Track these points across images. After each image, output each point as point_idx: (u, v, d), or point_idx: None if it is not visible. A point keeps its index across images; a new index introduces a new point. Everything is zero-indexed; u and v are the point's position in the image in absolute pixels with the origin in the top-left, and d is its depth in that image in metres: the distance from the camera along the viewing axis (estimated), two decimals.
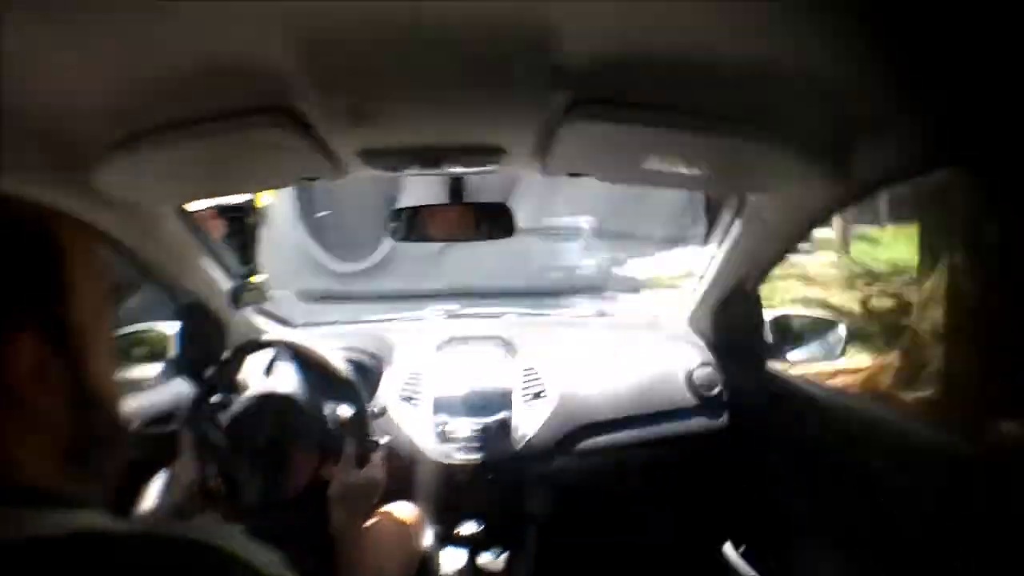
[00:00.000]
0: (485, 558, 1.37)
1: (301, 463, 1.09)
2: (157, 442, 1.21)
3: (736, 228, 1.24)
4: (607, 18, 0.56)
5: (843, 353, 1.28)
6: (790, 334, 1.36)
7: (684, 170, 0.87)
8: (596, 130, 0.76)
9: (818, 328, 1.35)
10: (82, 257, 0.42)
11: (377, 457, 1.12)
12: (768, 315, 1.39)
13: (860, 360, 3.88)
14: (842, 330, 1.30)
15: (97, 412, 0.42)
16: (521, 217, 1.20)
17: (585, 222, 10.73)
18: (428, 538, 1.26)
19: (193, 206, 1.21)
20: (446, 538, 1.36)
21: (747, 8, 0.53)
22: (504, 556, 1.37)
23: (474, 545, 1.37)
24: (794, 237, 1.15)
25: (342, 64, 0.63)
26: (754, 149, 0.80)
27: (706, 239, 1.52)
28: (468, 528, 1.37)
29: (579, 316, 1.99)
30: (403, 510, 1.19)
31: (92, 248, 0.44)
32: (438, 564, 1.33)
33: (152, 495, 1.22)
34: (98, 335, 0.42)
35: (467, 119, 0.82)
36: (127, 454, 0.53)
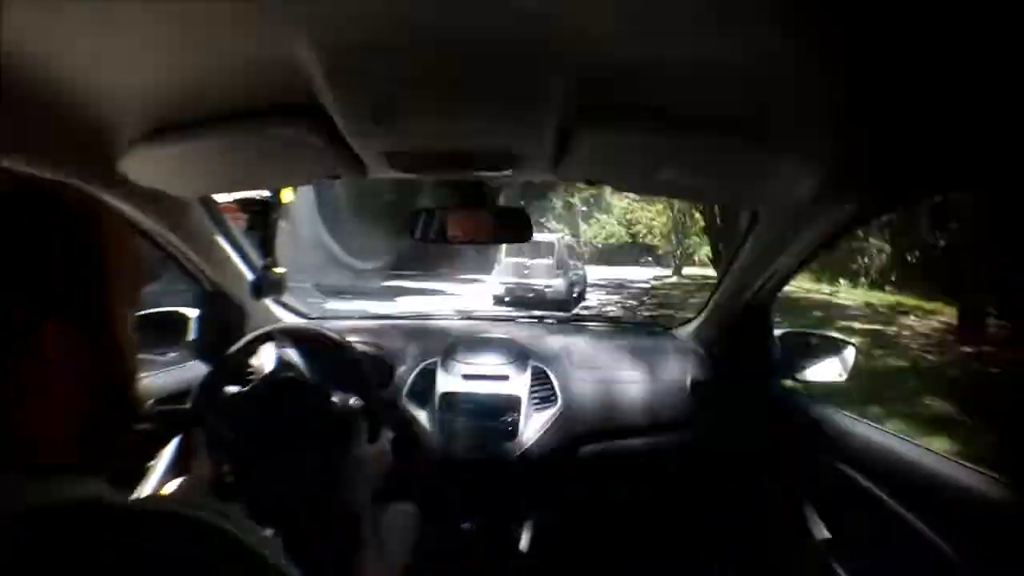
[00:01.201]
0: (482, 555, 1.39)
1: (312, 448, 1.12)
2: (169, 419, 1.26)
3: (748, 242, 1.25)
4: (619, 26, 0.58)
5: (849, 373, 1.26)
6: (798, 351, 1.34)
7: (697, 181, 0.88)
8: (608, 137, 0.78)
9: (827, 347, 1.33)
10: (118, 247, 0.42)
11: (386, 436, 1.14)
12: (777, 332, 1.38)
13: None
14: (851, 351, 1.28)
15: (117, 394, 0.43)
16: None
17: (555, 237, 10.15)
18: (428, 533, 1.28)
19: (218, 198, 1.26)
20: (446, 534, 1.38)
21: (759, 21, 0.55)
22: (502, 554, 1.39)
23: (473, 542, 1.39)
24: (806, 253, 1.14)
25: (363, 69, 0.65)
26: (766, 161, 0.80)
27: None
28: (469, 525, 1.38)
29: (590, 324, 2.00)
30: (405, 506, 1.21)
31: (128, 238, 0.45)
32: (438, 559, 1.34)
33: (161, 469, 1.26)
34: (126, 322, 0.43)
35: (484, 124, 0.84)
36: (137, 432, 0.54)
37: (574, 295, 10.13)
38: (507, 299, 9.15)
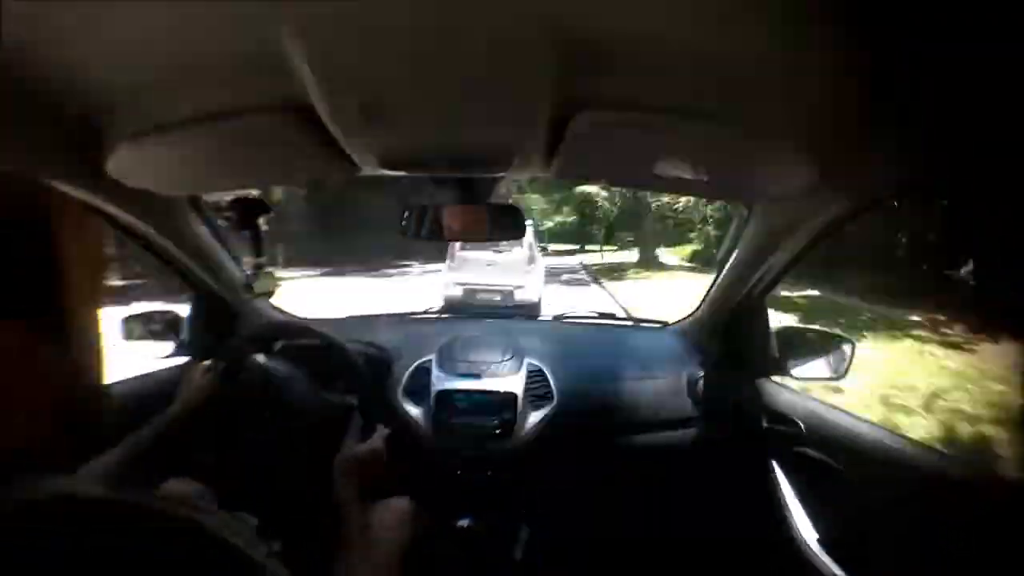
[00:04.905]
0: (480, 553, 1.38)
1: (303, 447, 1.10)
2: (160, 419, 1.24)
3: (743, 238, 1.24)
4: (613, 21, 0.56)
5: (847, 371, 1.25)
6: (796, 348, 1.33)
7: (691, 175, 0.87)
8: (603, 132, 0.77)
9: (825, 343, 1.32)
10: (75, 239, 0.41)
11: (380, 433, 1.13)
12: (775, 327, 1.37)
13: None
14: (849, 347, 1.27)
15: (84, 389, 0.42)
16: None
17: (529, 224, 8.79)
18: (425, 531, 1.27)
19: (208, 198, 1.24)
20: (443, 532, 1.37)
21: (755, 16, 0.54)
22: (498, 552, 1.38)
23: (470, 540, 1.38)
24: (802, 247, 1.13)
25: (351, 65, 0.63)
26: (761, 156, 0.79)
27: None
28: (465, 523, 1.37)
29: (586, 321, 1.99)
30: (400, 503, 1.20)
31: (85, 228, 0.43)
32: (434, 557, 1.34)
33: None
34: (89, 314, 0.42)
35: (476, 119, 0.82)
36: (111, 427, 0.53)
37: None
38: (467, 304, 6.76)
